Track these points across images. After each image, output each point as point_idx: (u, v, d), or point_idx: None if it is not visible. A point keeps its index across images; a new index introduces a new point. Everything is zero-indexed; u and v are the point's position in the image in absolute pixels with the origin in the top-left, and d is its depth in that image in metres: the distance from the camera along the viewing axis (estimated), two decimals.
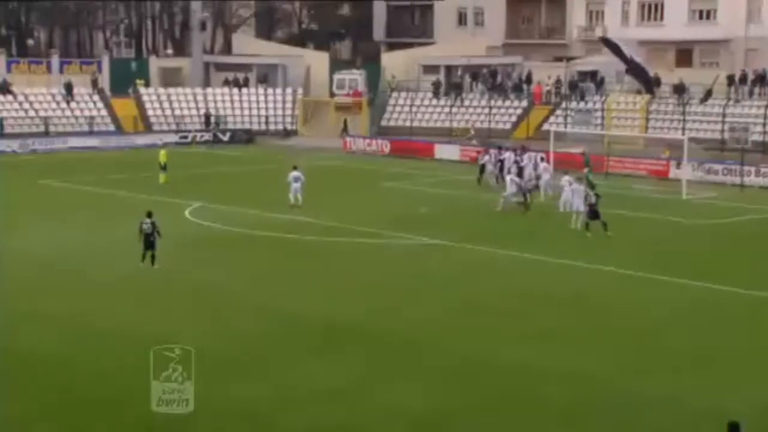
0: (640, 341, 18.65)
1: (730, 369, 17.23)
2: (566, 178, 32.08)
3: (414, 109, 57.76)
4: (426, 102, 58.58)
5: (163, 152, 40.15)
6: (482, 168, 38.83)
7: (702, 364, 17.46)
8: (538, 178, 35.60)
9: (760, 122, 46.58)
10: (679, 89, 51.10)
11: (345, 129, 56.77)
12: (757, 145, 44.37)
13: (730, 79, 50.33)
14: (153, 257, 23.74)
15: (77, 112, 57.15)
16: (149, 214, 24.17)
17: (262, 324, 19.55)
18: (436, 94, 58.67)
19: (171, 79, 62.35)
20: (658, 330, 19.50)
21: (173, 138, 54.74)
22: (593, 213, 28.22)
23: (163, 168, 39.24)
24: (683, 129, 48.35)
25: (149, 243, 23.73)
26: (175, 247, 26.49)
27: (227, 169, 45.01)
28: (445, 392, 15.91)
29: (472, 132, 52.17)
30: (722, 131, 46.72)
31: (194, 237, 28.29)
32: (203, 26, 67.63)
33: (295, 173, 32.86)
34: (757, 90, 49.78)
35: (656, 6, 62.15)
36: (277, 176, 38.07)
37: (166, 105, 59.60)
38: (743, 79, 50.20)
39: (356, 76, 60.31)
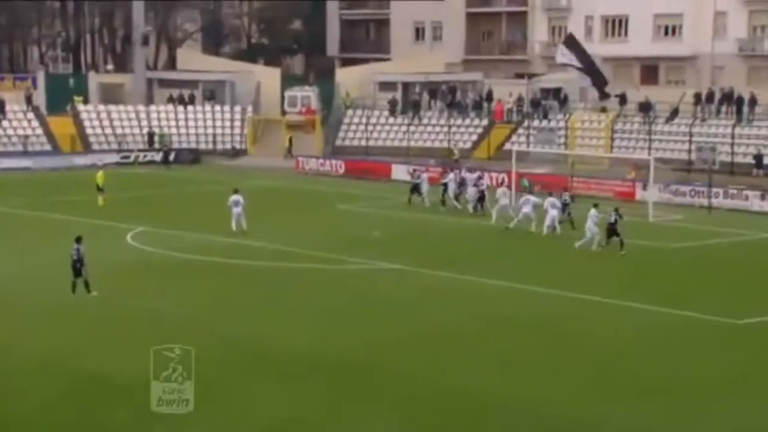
0: (603, 369, 18.96)
1: (695, 398, 17.56)
2: (549, 199, 32.98)
3: (370, 127, 58.10)
4: (382, 120, 58.95)
5: (100, 174, 39.95)
6: (445, 187, 38.92)
7: (665, 393, 17.75)
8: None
9: (728, 142, 47.58)
10: (645, 107, 52.02)
11: (290, 148, 56.88)
12: (725, 165, 45.19)
13: (697, 98, 51.36)
14: (86, 284, 23.62)
15: (10, 131, 56.51)
16: (78, 240, 24.11)
17: (208, 353, 19.47)
18: (392, 112, 59.08)
19: (111, 95, 61.98)
20: (621, 357, 19.82)
21: (114, 158, 54.38)
22: (612, 232, 30.05)
23: (101, 190, 39.03)
24: (649, 149, 49.19)
25: (77, 270, 23.66)
26: (115, 274, 26.36)
27: (172, 191, 44.79)
28: (407, 420, 16.06)
29: (456, 153, 52.17)
30: (689, 151, 47.59)
31: (136, 263, 28.15)
32: (146, 40, 67.41)
33: (234, 197, 32.60)
34: (724, 108, 50.77)
35: (620, 21, 63.40)
36: (225, 198, 37.99)
37: (106, 123, 59.19)
38: (710, 97, 51.27)
39: (309, 93, 60.51)
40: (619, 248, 29.91)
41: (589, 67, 44.48)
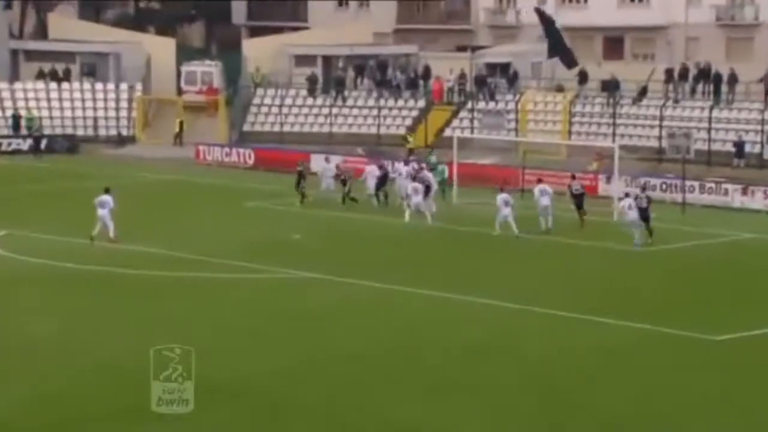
0: (555, 398, 19.11)
1: (666, 428, 17.82)
2: (502, 196, 33.41)
3: (285, 110, 57.91)
4: (299, 101, 58.81)
5: None
6: (385, 181, 39.06)
7: (634, 422, 17.98)
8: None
9: (704, 127, 48.38)
10: (609, 86, 52.61)
11: (180, 134, 56.43)
12: (701, 154, 45.90)
13: (669, 75, 52.19)
14: None
15: None
16: None
17: (76, 383, 19.28)
18: (311, 91, 58.96)
19: None
20: (578, 381, 20.03)
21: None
22: (645, 217, 32.18)
23: None
24: (614, 135, 49.81)
25: None
26: None
27: (43, 186, 44.10)
28: None
29: (411, 141, 51.86)
30: (660, 138, 48.33)
31: (0, 274, 27.70)
32: (8, 4, 66.10)
33: (103, 197, 31.86)
34: (699, 88, 51.60)
35: None
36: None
37: None
38: (684, 74, 52.02)
39: (211, 69, 60.13)
40: (648, 236, 32.17)
41: (556, 42, 44.98)
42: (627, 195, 34.19)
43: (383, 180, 39.31)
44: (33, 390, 18.92)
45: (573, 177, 37.84)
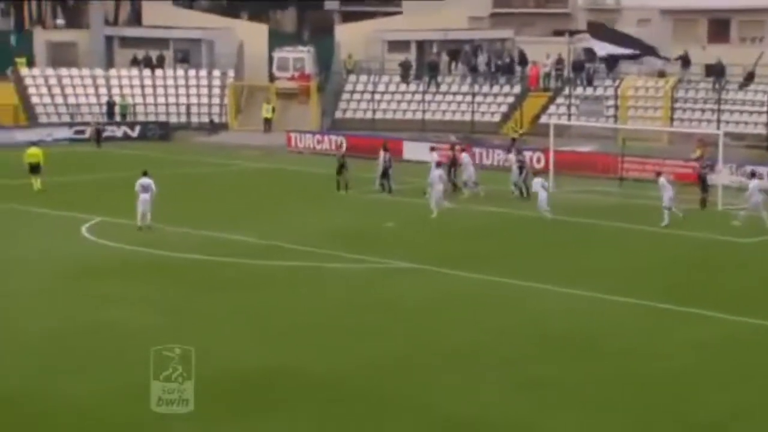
0: (659, 393, 18.80)
1: None
2: (537, 180, 34.43)
3: (377, 96, 57.99)
4: (392, 87, 58.84)
5: (33, 150, 39.89)
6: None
7: (743, 422, 17.62)
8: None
9: None
10: (714, 71, 51.77)
11: (269, 120, 56.77)
12: None
13: None
14: None
15: None
16: None
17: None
18: (404, 77, 58.95)
19: (63, 57, 62.04)
20: (684, 379, 19.66)
21: (66, 133, 54.39)
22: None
23: (36, 171, 38.90)
24: (718, 121, 49.02)
25: None
26: (68, 275, 26.36)
27: (137, 174, 44.74)
28: None
29: (519, 131, 51.19)
30: (767, 124, 47.48)
31: (93, 261, 28.12)
32: None
33: (144, 180, 32.14)
34: None
35: None
36: (205, 183, 38.25)
37: (56, 90, 59.25)
38: None
39: (303, 55, 60.45)
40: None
41: (630, 44, 44.38)
42: (754, 175, 33.81)
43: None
44: (122, 381, 19.12)
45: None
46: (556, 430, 16.96)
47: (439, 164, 36.53)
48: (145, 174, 32.48)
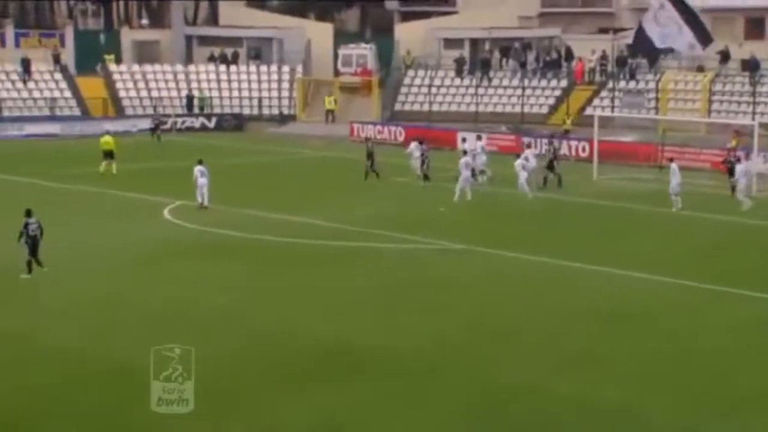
0: (700, 370, 18.49)
1: None
2: (520, 160, 34.49)
3: (433, 90, 57.73)
4: (447, 82, 58.55)
5: (107, 138, 40.36)
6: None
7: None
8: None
9: None
10: (750, 65, 50.92)
11: (332, 112, 56.72)
12: None
13: None
14: (38, 261, 23.84)
15: (36, 93, 57.35)
16: (29, 213, 24.12)
17: (249, 348, 19.49)
18: (459, 72, 58.62)
19: (146, 54, 62.53)
20: (723, 357, 19.32)
21: (149, 123, 54.81)
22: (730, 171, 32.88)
23: (110, 156, 39.34)
24: (753, 113, 48.17)
25: (36, 247, 23.73)
26: (152, 255, 26.59)
27: (213, 161, 44.96)
28: (467, 427, 15.81)
29: (569, 123, 49.80)
30: None
31: (174, 242, 28.32)
32: None
33: (200, 167, 33.14)
34: None
35: None
36: (275, 170, 38.36)
37: (141, 85, 59.78)
38: None
39: (365, 52, 60.32)
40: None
41: (693, 22, 43.40)
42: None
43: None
44: (203, 352, 19.16)
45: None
46: (601, 403, 16.74)
47: (465, 153, 36.22)
48: (200, 162, 33.31)
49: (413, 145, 39.80)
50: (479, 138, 41.29)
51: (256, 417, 16.16)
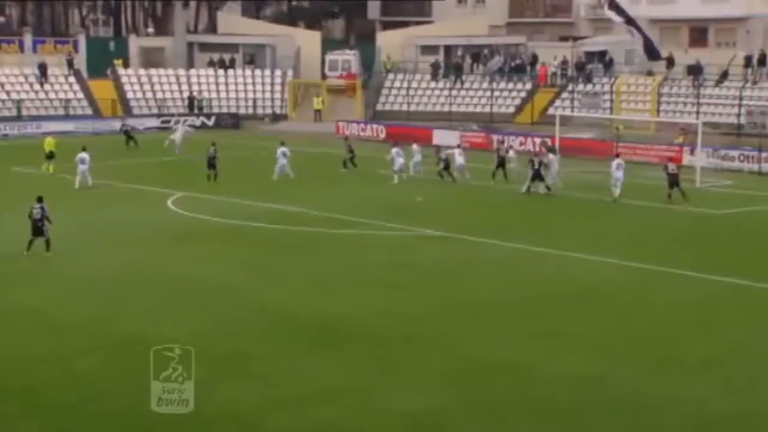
0: (652, 340, 18.62)
1: (748, 369, 17.19)
2: (395, 149, 35.55)
3: (411, 92, 57.69)
4: (424, 84, 58.49)
5: (49, 140, 40.04)
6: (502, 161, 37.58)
7: (719, 365, 17.42)
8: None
9: None
10: (694, 70, 51.04)
11: (319, 112, 56.55)
12: None
13: (748, 60, 50.32)
14: (47, 243, 24.05)
15: (52, 95, 56.97)
16: (39, 199, 24.45)
17: (251, 320, 19.54)
18: (434, 76, 58.55)
19: (152, 59, 62.18)
20: (670, 328, 19.48)
21: (154, 122, 54.59)
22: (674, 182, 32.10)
23: (50, 157, 38.82)
24: (697, 113, 48.34)
25: (38, 229, 24.03)
26: (158, 240, 26.54)
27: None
28: (447, 393, 15.89)
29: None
30: (739, 115, 46.75)
31: (178, 228, 28.25)
32: (186, 3, 67.36)
33: (282, 149, 36.12)
34: None
35: None
36: (268, 164, 38.08)
37: (147, 87, 59.45)
38: (762, 59, 50.12)
39: (350, 57, 60.18)
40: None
41: (636, 29, 43.61)
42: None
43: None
44: (211, 324, 19.22)
45: (669, 159, 36.60)
46: (569, 371, 16.82)
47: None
48: (282, 144, 36.52)
49: (395, 150, 39.25)
50: (459, 146, 40.67)
51: (265, 380, 16.17)
